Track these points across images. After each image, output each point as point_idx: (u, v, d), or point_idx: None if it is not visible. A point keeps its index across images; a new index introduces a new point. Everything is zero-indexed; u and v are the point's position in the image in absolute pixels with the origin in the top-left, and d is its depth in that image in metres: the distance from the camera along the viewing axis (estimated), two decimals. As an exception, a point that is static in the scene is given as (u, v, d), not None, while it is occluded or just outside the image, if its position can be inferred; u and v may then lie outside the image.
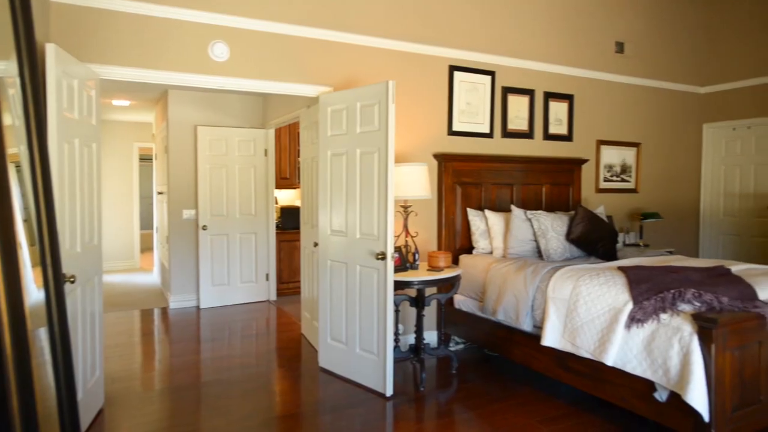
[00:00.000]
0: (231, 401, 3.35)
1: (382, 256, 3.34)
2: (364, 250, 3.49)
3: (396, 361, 3.65)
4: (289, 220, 6.53)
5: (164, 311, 5.76)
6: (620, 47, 5.48)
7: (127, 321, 5.41)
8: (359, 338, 3.57)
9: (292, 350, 4.41)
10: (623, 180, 5.63)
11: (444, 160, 4.38)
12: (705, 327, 2.43)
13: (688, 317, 2.55)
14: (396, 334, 3.77)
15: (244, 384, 3.64)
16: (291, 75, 3.95)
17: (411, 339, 4.20)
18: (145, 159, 9.49)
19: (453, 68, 4.50)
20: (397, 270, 3.56)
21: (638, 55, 5.61)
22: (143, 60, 3.50)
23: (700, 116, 6.13)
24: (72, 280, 2.55)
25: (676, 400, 2.54)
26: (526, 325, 3.50)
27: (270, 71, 3.89)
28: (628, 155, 5.65)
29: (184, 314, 5.61)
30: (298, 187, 6.83)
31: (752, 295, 2.72)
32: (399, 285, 3.49)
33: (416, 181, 3.79)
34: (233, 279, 6.06)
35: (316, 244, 4.11)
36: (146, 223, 10.13)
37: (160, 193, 6.98)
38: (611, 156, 5.52)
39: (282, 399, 3.45)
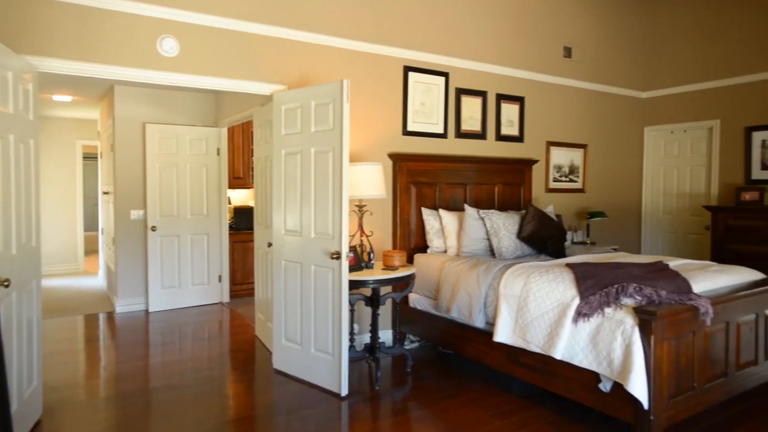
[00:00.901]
0: (182, 406, 3.25)
1: (336, 256, 3.33)
2: (318, 249, 3.46)
3: (351, 360, 3.65)
4: (242, 220, 6.41)
5: (110, 316, 5.53)
6: (568, 52, 5.68)
7: (70, 327, 5.16)
8: (314, 338, 3.55)
9: (246, 352, 4.32)
10: (571, 180, 5.83)
11: (399, 159, 4.41)
12: (645, 319, 2.56)
13: (630, 310, 2.67)
14: (351, 333, 3.77)
15: (195, 388, 3.54)
16: (244, 72, 3.88)
17: (366, 338, 4.21)
18: (90, 157, 9.10)
19: (407, 69, 4.54)
20: (352, 269, 3.56)
21: (585, 60, 5.83)
22: (86, 53, 3.35)
23: (641, 119, 6.43)
24: (6, 284, 2.41)
25: (618, 389, 2.65)
26: (479, 322, 3.57)
27: (222, 68, 3.80)
28: (576, 156, 5.86)
29: (132, 318, 5.41)
30: (252, 187, 6.71)
31: (687, 289, 2.88)
32: (354, 284, 3.48)
33: (371, 181, 3.80)
34: (184, 281, 5.89)
35: (270, 245, 4.05)
36: (91, 224, 9.72)
37: (105, 192, 6.70)
38: (560, 157, 5.71)
39: (235, 402, 3.38)
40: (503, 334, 3.27)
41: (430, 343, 4.41)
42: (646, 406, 2.52)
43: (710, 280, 3.13)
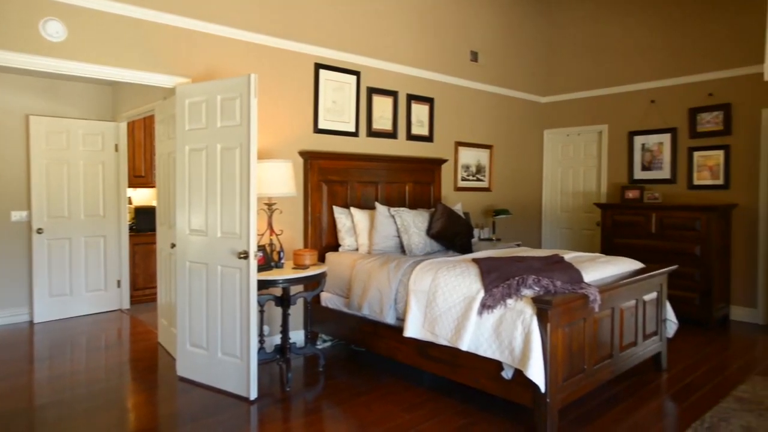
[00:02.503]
0: (74, 423, 2.98)
1: (244, 255, 3.22)
2: (225, 249, 3.33)
3: (261, 362, 3.55)
4: (144, 221, 6.02)
5: (-12, 329, 4.96)
6: (475, 56, 5.93)
7: (-63, 343, 4.55)
8: (221, 342, 3.41)
9: (148, 361, 4.06)
10: (478, 179, 6.10)
11: (310, 157, 4.36)
12: (542, 308, 2.73)
13: (529, 301, 2.83)
14: (261, 335, 3.67)
15: (89, 402, 3.27)
16: (143, 63, 3.64)
17: (277, 339, 4.11)
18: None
19: (319, 66, 4.50)
20: (261, 269, 3.47)
21: (490, 65, 6.12)
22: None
23: (541, 123, 6.87)
24: None
25: (519, 376, 2.80)
26: (390, 318, 3.62)
27: (118, 57, 3.54)
28: (483, 156, 6.13)
29: (13, 331, 4.88)
30: (155, 186, 6.32)
31: (579, 278, 3.11)
32: (263, 284, 3.39)
33: (281, 179, 3.72)
34: (77, 288, 5.42)
35: (173, 245, 3.84)
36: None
37: (-19, 191, 5.99)
38: (468, 157, 5.95)
39: (135, 414, 3.16)
40: (413, 329, 3.34)
41: (343, 342, 4.41)
42: (543, 389, 2.69)
43: (598, 270, 3.40)
